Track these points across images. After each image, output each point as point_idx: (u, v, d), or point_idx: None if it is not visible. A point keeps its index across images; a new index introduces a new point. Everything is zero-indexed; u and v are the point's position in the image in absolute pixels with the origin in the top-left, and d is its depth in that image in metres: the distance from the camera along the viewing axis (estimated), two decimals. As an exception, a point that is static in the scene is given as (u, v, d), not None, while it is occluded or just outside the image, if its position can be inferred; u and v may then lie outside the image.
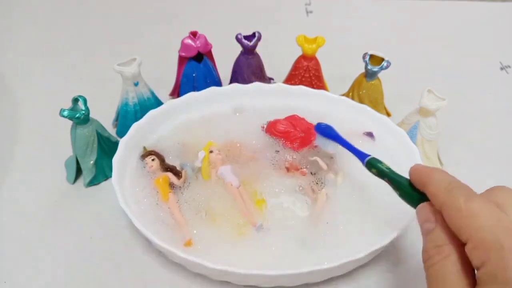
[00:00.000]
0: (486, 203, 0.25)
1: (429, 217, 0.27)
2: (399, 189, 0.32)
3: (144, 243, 0.41)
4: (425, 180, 0.29)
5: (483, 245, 0.23)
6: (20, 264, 0.39)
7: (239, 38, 0.51)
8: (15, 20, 0.74)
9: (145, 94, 0.50)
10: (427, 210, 0.28)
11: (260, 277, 0.34)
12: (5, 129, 0.53)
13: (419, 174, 0.30)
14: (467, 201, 0.25)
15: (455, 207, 0.25)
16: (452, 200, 0.26)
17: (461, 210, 0.25)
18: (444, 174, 0.29)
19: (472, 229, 0.24)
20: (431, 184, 0.28)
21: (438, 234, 0.26)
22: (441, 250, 0.25)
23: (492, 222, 0.24)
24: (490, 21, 0.76)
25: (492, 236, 0.23)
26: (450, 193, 0.26)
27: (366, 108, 0.48)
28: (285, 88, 0.50)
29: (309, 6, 0.78)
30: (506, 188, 0.27)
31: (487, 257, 0.23)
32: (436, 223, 0.27)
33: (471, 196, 0.26)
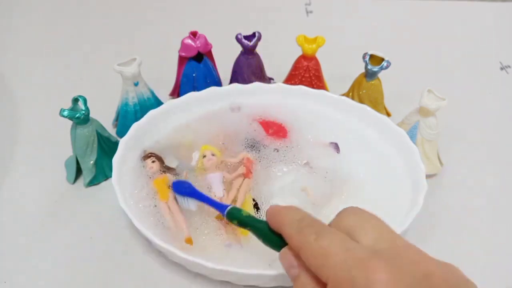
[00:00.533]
0: (335, 236, 0.25)
1: (291, 262, 0.27)
2: (261, 236, 0.30)
3: (144, 243, 0.41)
4: (279, 221, 0.28)
5: (340, 284, 0.23)
6: (20, 264, 0.39)
7: (239, 38, 0.51)
8: (15, 20, 0.74)
9: (145, 94, 0.50)
10: (289, 255, 0.27)
11: (260, 277, 0.34)
12: (5, 129, 0.53)
13: (273, 215, 0.29)
14: (317, 240, 0.25)
15: (308, 248, 0.25)
16: (304, 240, 0.25)
17: (313, 250, 0.25)
18: (296, 212, 0.28)
19: (327, 269, 0.24)
20: (284, 225, 0.27)
21: (304, 280, 0.26)
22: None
23: (342, 257, 0.23)
24: (490, 21, 0.76)
25: (345, 273, 0.23)
26: (301, 233, 0.26)
27: (366, 108, 0.48)
28: (285, 88, 0.50)
29: (309, 6, 0.78)
30: (354, 210, 0.27)
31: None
32: (299, 268, 0.26)
33: (320, 232, 0.25)
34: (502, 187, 0.47)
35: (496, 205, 0.46)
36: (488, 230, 0.43)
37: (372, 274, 0.22)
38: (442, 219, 0.44)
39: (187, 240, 0.37)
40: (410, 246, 0.25)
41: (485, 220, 0.44)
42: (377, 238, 0.25)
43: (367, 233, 0.25)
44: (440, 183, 0.47)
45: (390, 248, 0.24)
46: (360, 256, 0.23)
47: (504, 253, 0.41)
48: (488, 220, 0.44)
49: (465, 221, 0.44)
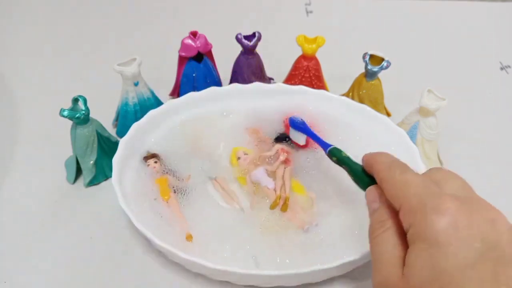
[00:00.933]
0: (418, 175, 0.28)
1: (375, 197, 0.30)
2: (354, 174, 0.34)
3: (144, 243, 0.41)
4: (372, 162, 0.31)
5: (411, 209, 0.25)
6: (20, 264, 0.39)
7: (239, 38, 0.51)
8: (15, 20, 0.74)
9: (145, 94, 0.50)
10: (374, 191, 0.30)
11: (260, 277, 0.34)
12: (5, 129, 0.53)
13: (369, 157, 0.32)
14: (401, 174, 0.28)
15: (391, 179, 0.28)
16: (389, 173, 0.28)
17: (395, 181, 0.28)
18: (388, 156, 0.31)
19: (403, 197, 0.26)
20: (376, 163, 0.31)
21: (381, 211, 0.28)
22: (383, 224, 0.27)
23: (420, 189, 0.26)
24: (490, 21, 0.76)
25: (418, 200, 0.25)
26: (389, 169, 0.29)
27: (366, 108, 0.48)
28: (285, 88, 0.50)
29: (309, 6, 0.78)
30: (443, 169, 0.29)
31: (414, 219, 0.25)
32: (380, 203, 0.29)
33: (405, 169, 0.28)
34: (502, 187, 0.47)
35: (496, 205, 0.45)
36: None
37: (443, 203, 0.24)
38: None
39: (187, 237, 0.38)
40: (486, 201, 0.27)
41: (485, 220, 0.44)
42: (457, 188, 0.27)
43: (450, 185, 0.27)
44: (440, 183, 0.47)
45: (467, 196, 0.26)
46: (436, 191, 0.26)
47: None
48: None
49: (465, 221, 0.44)
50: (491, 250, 0.23)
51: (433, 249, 0.23)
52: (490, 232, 0.23)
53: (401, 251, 0.26)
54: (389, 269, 0.25)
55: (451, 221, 0.23)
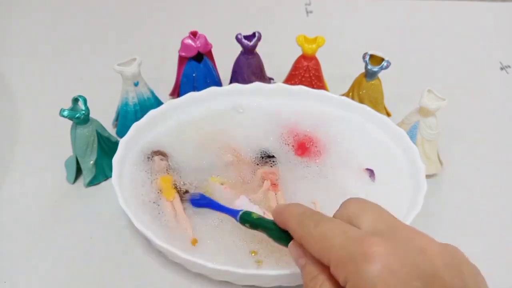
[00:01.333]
0: (333, 223, 0.26)
1: (299, 253, 0.28)
2: (271, 235, 0.32)
3: (144, 243, 0.41)
4: (284, 217, 0.30)
5: (340, 263, 0.24)
6: (20, 264, 0.39)
7: (239, 38, 0.51)
8: (15, 20, 0.74)
9: (145, 94, 0.50)
10: (296, 248, 0.29)
11: (260, 277, 0.34)
12: (5, 129, 0.53)
13: (278, 213, 0.30)
14: (316, 227, 0.26)
15: (308, 235, 0.27)
16: (304, 230, 0.27)
17: (313, 237, 0.26)
18: (298, 207, 0.30)
19: (327, 251, 0.25)
20: (288, 220, 0.29)
21: (310, 268, 0.27)
22: (316, 280, 0.26)
23: (340, 238, 0.25)
24: (490, 21, 0.76)
25: (344, 251, 0.24)
26: (302, 224, 0.27)
27: (366, 108, 0.48)
28: (285, 88, 0.50)
29: (309, 6, 0.78)
30: (357, 199, 0.28)
31: (347, 273, 0.24)
32: (306, 257, 0.28)
33: (320, 221, 0.27)
34: (502, 187, 0.47)
35: (496, 205, 0.46)
36: (488, 230, 0.43)
37: (369, 248, 0.23)
38: (442, 219, 0.44)
39: (192, 241, 0.37)
40: (408, 226, 0.26)
41: (485, 220, 0.44)
42: (375, 221, 0.26)
43: (367, 218, 0.26)
44: (440, 183, 0.47)
45: (388, 227, 0.25)
46: (357, 235, 0.25)
47: (504, 253, 0.41)
48: (488, 220, 0.44)
49: (465, 221, 0.44)
50: (432, 284, 0.22)
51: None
52: (424, 263, 0.23)
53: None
54: None
55: (383, 265, 0.22)
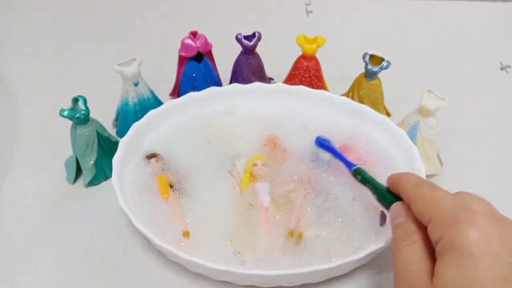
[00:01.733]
0: (447, 192, 0.28)
1: (400, 213, 0.30)
2: (378, 193, 0.35)
3: (144, 243, 0.41)
4: (399, 180, 0.32)
5: (443, 221, 0.26)
6: (20, 264, 0.39)
7: (239, 38, 0.51)
8: (15, 20, 0.74)
9: (145, 94, 0.50)
10: (400, 207, 0.31)
11: (260, 277, 0.34)
12: (5, 129, 0.53)
13: (395, 176, 0.33)
14: (431, 190, 0.29)
15: (420, 195, 0.29)
16: (419, 190, 0.29)
17: (425, 197, 0.28)
18: (415, 175, 0.32)
19: (433, 211, 0.27)
20: (402, 181, 0.31)
21: (408, 225, 0.29)
22: (408, 237, 0.28)
23: (452, 204, 0.27)
24: (490, 21, 0.76)
25: (450, 214, 0.26)
26: (418, 186, 0.30)
27: (366, 108, 0.48)
28: (285, 88, 0.50)
29: (309, 6, 0.78)
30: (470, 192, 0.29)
31: (445, 231, 0.25)
32: (406, 218, 0.29)
33: (435, 187, 0.29)
34: (502, 187, 0.47)
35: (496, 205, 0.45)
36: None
37: (475, 217, 0.25)
38: (442, 219, 0.44)
39: (184, 233, 0.38)
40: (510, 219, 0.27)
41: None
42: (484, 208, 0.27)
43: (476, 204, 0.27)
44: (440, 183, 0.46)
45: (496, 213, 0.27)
46: (468, 207, 0.26)
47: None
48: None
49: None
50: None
51: (465, 260, 0.23)
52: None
53: (428, 264, 0.26)
54: (416, 281, 0.25)
55: (484, 234, 0.24)
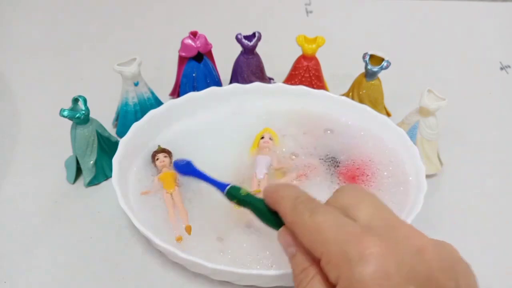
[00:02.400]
0: (329, 213, 0.25)
1: (289, 241, 0.27)
2: (260, 215, 0.30)
3: (144, 243, 0.41)
4: (276, 199, 0.28)
5: (333, 259, 0.23)
6: (20, 264, 0.39)
7: (239, 38, 0.51)
8: (15, 20, 0.74)
9: (145, 94, 0.50)
10: (287, 235, 0.27)
11: (260, 277, 0.34)
12: (5, 129, 0.53)
13: (270, 192, 0.29)
14: (311, 216, 0.25)
15: (301, 224, 0.25)
16: (298, 217, 0.25)
17: (306, 226, 0.25)
18: (292, 190, 0.28)
19: (320, 244, 0.24)
20: (280, 202, 0.27)
21: (300, 258, 0.26)
22: (307, 273, 0.25)
23: (335, 232, 0.23)
24: (490, 21, 0.76)
25: (338, 248, 0.23)
26: (296, 210, 0.26)
27: (366, 108, 0.48)
28: (285, 88, 0.50)
29: (309, 6, 0.78)
30: (353, 187, 0.27)
31: (339, 272, 0.22)
32: (296, 247, 0.26)
33: (315, 209, 0.25)
34: (502, 187, 0.47)
35: (496, 205, 0.46)
36: (488, 230, 0.43)
37: (364, 248, 0.22)
38: (442, 219, 0.44)
39: (186, 227, 0.38)
40: (404, 223, 0.25)
41: (485, 220, 0.44)
42: (372, 215, 0.25)
43: (363, 211, 0.25)
44: (440, 183, 0.47)
45: (385, 225, 0.24)
46: (353, 231, 0.23)
47: (504, 253, 0.41)
48: (488, 220, 0.44)
49: (465, 221, 0.44)
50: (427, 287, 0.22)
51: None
52: (419, 264, 0.22)
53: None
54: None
55: (378, 267, 0.21)
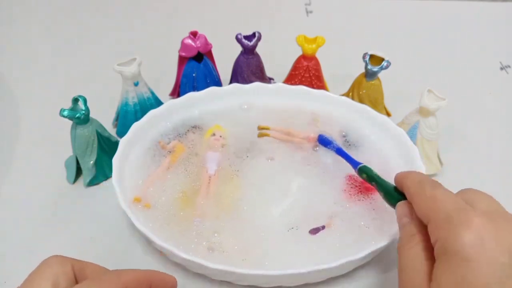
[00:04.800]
0: (448, 192, 0.28)
1: (405, 213, 0.30)
2: (384, 191, 0.35)
3: (144, 243, 0.41)
4: (403, 178, 0.32)
5: (439, 223, 0.26)
6: (20, 264, 0.39)
7: (239, 38, 0.51)
8: (14, 20, 0.74)
9: (145, 94, 0.50)
10: (404, 207, 0.31)
11: (260, 277, 0.34)
12: (5, 129, 0.53)
13: (400, 175, 0.33)
14: (432, 189, 0.28)
15: (421, 194, 0.29)
16: (420, 189, 0.29)
17: (425, 196, 0.28)
18: (419, 174, 0.32)
19: (432, 212, 0.27)
20: (407, 179, 0.31)
21: (411, 226, 0.29)
22: (412, 239, 0.28)
23: (449, 204, 0.26)
24: (490, 21, 0.76)
25: (445, 215, 0.26)
26: (420, 184, 0.30)
27: (366, 108, 0.48)
28: (285, 88, 0.50)
29: (309, 6, 0.78)
30: (476, 190, 0.29)
31: (440, 233, 0.25)
32: (410, 218, 0.30)
33: (436, 186, 0.29)
34: (502, 187, 0.47)
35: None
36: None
37: (470, 218, 0.24)
38: (442, 219, 0.44)
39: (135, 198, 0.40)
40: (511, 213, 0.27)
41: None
42: (487, 206, 0.27)
43: (481, 203, 0.27)
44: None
45: (496, 211, 0.27)
46: (465, 207, 0.26)
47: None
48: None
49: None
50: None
51: (459, 263, 0.23)
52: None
53: (428, 266, 0.26)
54: (415, 281, 0.26)
55: (478, 235, 0.23)
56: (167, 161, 0.44)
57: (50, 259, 0.28)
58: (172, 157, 0.44)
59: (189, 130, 0.47)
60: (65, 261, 0.28)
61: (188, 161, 0.44)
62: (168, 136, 0.46)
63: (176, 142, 0.45)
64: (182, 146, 0.45)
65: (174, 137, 0.46)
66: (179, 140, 0.46)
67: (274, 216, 0.39)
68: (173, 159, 0.44)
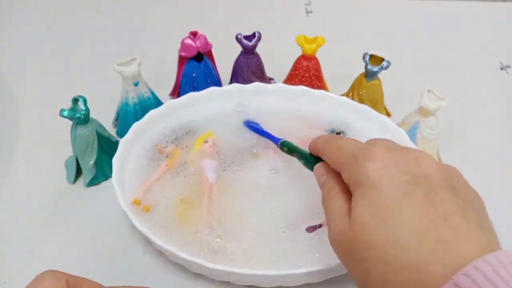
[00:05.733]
0: (351, 139, 0.32)
1: (322, 171, 0.32)
2: (303, 158, 0.37)
3: (144, 243, 0.41)
4: (314, 142, 0.35)
5: (347, 164, 0.29)
6: (20, 264, 0.39)
7: (239, 38, 0.51)
8: (15, 20, 0.74)
9: (145, 94, 0.50)
10: (321, 167, 0.33)
11: (260, 277, 0.34)
12: (5, 129, 0.53)
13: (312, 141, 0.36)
14: (337, 141, 0.32)
15: (330, 148, 0.32)
16: (327, 145, 0.32)
17: (332, 148, 0.31)
18: (326, 135, 0.35)
19: (340, 157, 0.30)
20: (317, 142, 0.34)
21: (329, 181, 0.31)
22: (332, 191, 0.30)
23: (353, 147, 0.29)
24: (490, 21, 0.76)
25: (351, 155, 0.29)
26: (327, 141, 0.33)
27: (366, 108, 0.48)
28: (285, 88, 0.50)
29: (309, 6, 0.78)
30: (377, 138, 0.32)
31: (350, 171, 0.28)
32: (328, 175, 0.32)
33: (340, 137, 0.33)
34: (502, 187, 0.47)
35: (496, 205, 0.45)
36: (488, 230, 0.43)
37: (370, 153, 0.27)
38: (442, 219, 0.44)
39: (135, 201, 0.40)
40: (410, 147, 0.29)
41: (485, 220, 0.44)
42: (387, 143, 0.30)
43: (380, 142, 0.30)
44: (440, 183, 0.47)
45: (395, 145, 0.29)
46: (366, 146, 0.29)
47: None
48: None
49: (465, 221, 0.44)
50: (420, 180, 0.25)
51: (369, 190, 0.26)
52: (415, 167, 0.26)
53: (348, 205, 0.28)
54: (338, 221, 0.28)
55: (381, 163, 0.26)
56: (164, 165, 0.43)
57: (44, 274, 0.28)
58: (170, 161, 0.44)
59: (185, 134, 0.46)
60: (60, 277, 0.28)
61: (185, 166, 0.43)
62: (166, 139, 0.45)
63: (173, 146, 0.45)
64: (179, 150, 0.45)
65: (172, 140, 0.46)
66: (176, 145, 0.45)
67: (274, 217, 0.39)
68: (170, 163, 0.43)
